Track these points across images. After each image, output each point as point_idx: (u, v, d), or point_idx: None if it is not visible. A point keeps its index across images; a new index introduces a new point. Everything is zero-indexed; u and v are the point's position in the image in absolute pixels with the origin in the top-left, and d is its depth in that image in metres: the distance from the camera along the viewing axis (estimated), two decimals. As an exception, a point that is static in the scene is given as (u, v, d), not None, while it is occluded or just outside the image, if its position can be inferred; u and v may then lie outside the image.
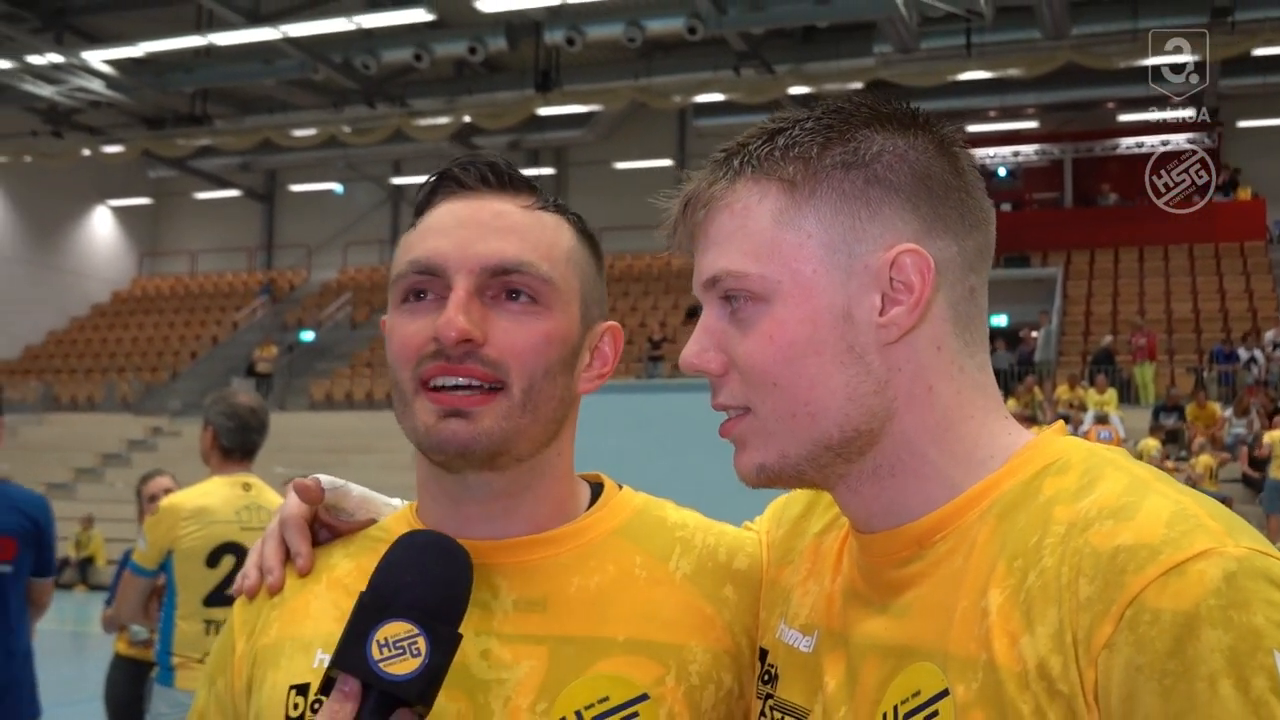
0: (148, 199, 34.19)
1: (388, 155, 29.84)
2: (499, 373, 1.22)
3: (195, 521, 4.59)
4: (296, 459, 17.60)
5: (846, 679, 1.14)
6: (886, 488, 1.14)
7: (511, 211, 1.28)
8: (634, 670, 1.24)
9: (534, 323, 1.25)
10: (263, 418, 4.83)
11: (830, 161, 1.13)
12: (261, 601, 1.34)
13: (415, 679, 1.03)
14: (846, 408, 1.11)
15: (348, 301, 30.40)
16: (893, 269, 1.10)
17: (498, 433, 1.22)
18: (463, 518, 1.28)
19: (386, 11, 20.31)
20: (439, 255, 1.24)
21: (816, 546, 1.30)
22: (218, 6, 20.18)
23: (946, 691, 1.03)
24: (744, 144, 1.18)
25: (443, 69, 23.63)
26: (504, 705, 1.21)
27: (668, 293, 27.84)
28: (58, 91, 23.61)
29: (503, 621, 1.25)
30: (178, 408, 26.11)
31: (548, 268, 1.26)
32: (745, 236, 1.14)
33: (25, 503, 4.60)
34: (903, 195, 1.12)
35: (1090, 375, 19.82)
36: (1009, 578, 1.02)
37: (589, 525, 1.32)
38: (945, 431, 1.13)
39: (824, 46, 21.20)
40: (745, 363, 1.13)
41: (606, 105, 24.80)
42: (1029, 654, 0.97)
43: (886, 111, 1.16)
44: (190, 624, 4.59)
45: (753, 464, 1.16)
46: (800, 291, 1.11)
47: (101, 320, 32.88)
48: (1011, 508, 1.07)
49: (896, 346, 1.11)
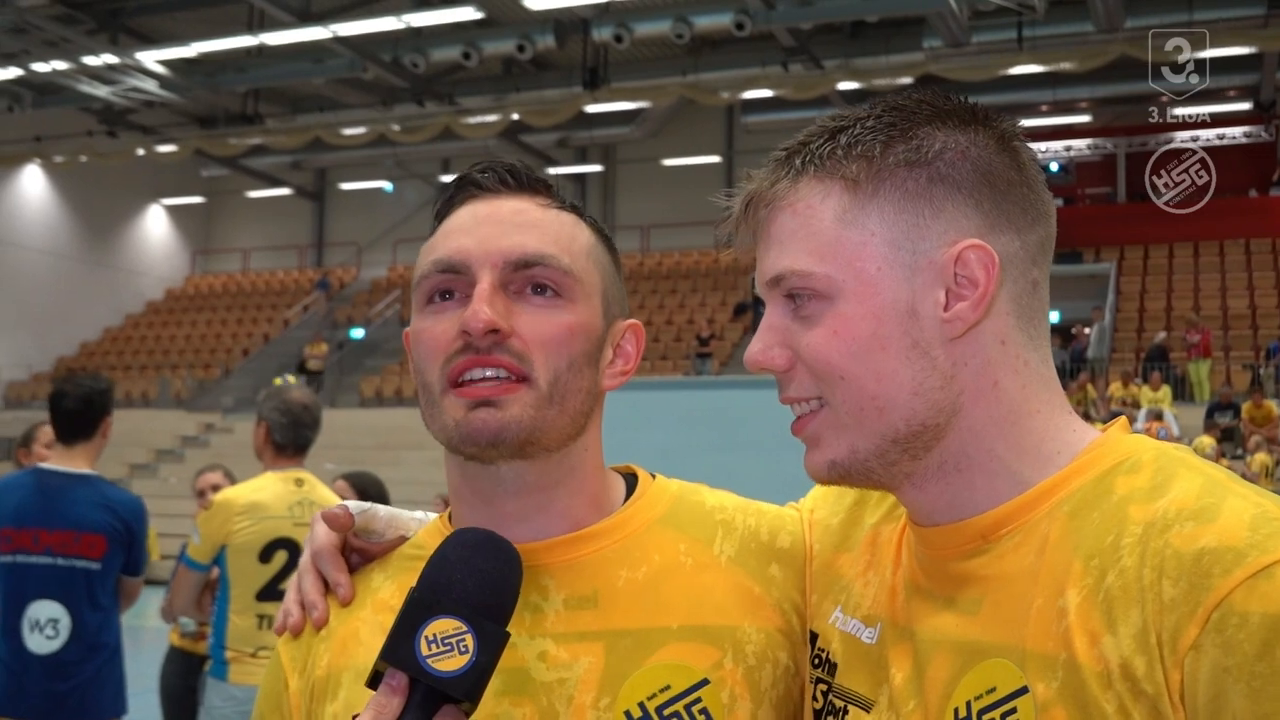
0: (200, 198, 34.57)
1: (436, 153, 29.98)
2: (524, 364, 1.23)
3: (248, 517, 4.64)
4: (346, 455, 17.73)
5: (914, 673, 1.15)
6: (952, 483, 1.15)
7: (530, 209, 1.30)
8: (692, 656, 1.25)
9: (557, 315, 1.26)
10: (315, 414, 4.88)
11: (893, 160, 1.13)
12: (308, 636, 1.34)
13: (463, 676, 1.04)
14: (913, 402, 1.12)
15: (397, 299, 30.58)
16: (957, 265, 1.12)
17: (526, 421, 1.22)
18: (498, 518, 1.27)
19: (435, 10, 20.40)
20: (462, 252, 1.26)
21: (874, 537, 1.31)
22: (269, 6, 20.34)
23: (1025, 689, 1.03)
24: (805, 142, 1.19)
25: (491, 67, 23.69)
26: (567, 704, 1.22)
27: (715, 289, 27.79)
28: (112, 92, 23.90)
29: (555, 622, 1.26)
30: (230, 404, 26.39)
31: (569, 260, 1.27)
32: (809, 236, 1.15)
33: (119, 503, 4.67)
34: (965, 192, 1.13)
35: (1144, 372, 19.59)
36: (1086, 577, 1.03)
37: (629, 517, 1.33)
38: (1011, 426, 1.13)
39: (873, 41, 21.04)
40: (811, 356, 1.14)
41: (654, 102, 24.77)
42: (1111, 654, 0.98)
43: (947, 108, 1.17)
44: (243, 618, 4.64)
45: (825, 460, 1.17)
46: (864, 289, 1.12)
47: (156, 318, 33.28)
48: (1083, 505, 1.08)
49: (961, 341, 1.12)
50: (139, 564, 4.75)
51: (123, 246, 33.40)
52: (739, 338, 25.26)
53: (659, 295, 28.25)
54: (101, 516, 4.55)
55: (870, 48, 20.93)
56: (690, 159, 28.85)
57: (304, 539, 5.07)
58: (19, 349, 29.39)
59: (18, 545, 4.49)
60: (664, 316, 26.75)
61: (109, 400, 4.70)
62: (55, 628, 4.48)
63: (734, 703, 1.24)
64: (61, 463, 4.63)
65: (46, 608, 4.48)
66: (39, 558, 4.48)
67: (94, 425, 4.64)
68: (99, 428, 4.66)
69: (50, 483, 4.58)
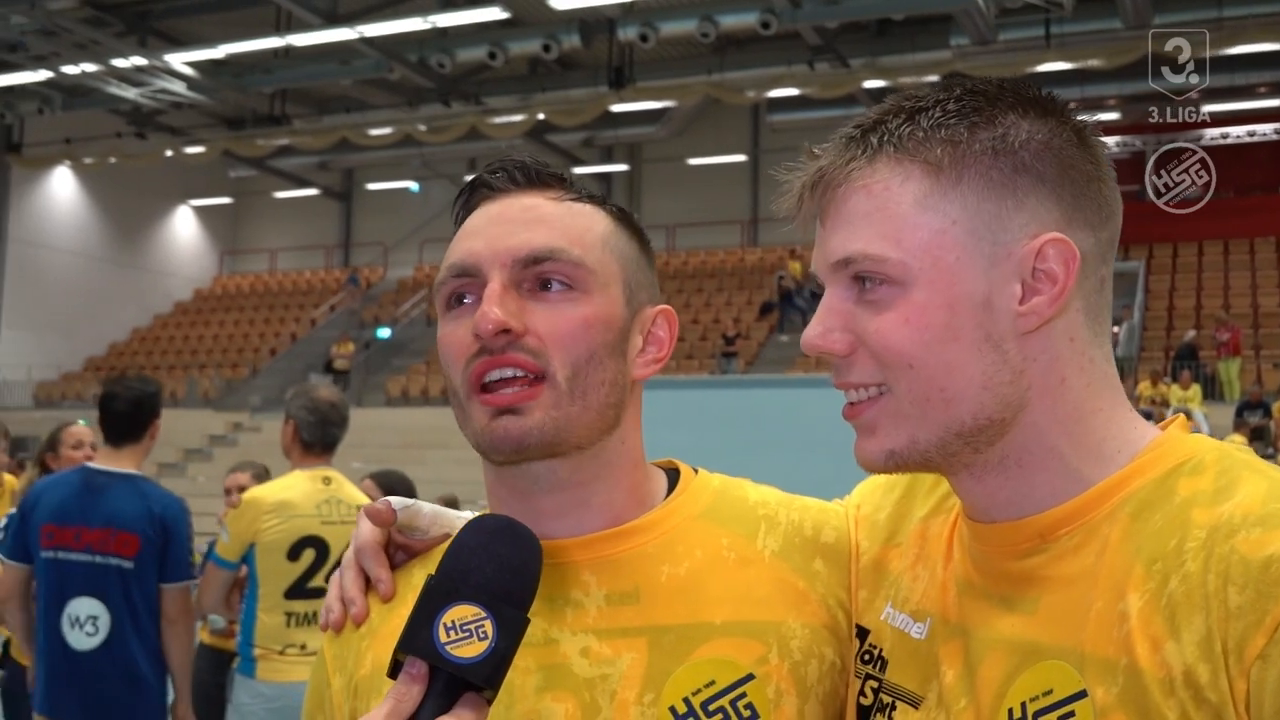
0: (228, 198, 34.77)
1: (463, 153, 30.04)
2: (541, 361, 1.21)
3: (277, 515, 4.66)
4: (374, 454, 17.79)
5: (965, 671, 1.13)
6: (1012, 478, 1.12)
7: (540, 204, 1.29)
8: (736, 651, 1.23)
9: (571, 308, 1.24)
10: (343, 412, 4.89)
11: (979, 146, 1.10)
12: (349, 634, 1.33)
13: (482, 662, 1.02)
14: (981, 396, 1.09)
15: (424, 298, 30.66)
16: (1037, 258, 1.09)
17: (549, 424, 1.21)
18: (535, 514, 1.26)
19: (461, 10, 20.45)
20: (472, 254, 1.25)
21: (923, 531, 1.28)
22: (296, 8, 20.46)
23: (1084, 693, 1.01)
24: (881, 120, 1.14)
25: (517, 67, 23.74)
26: (610, 700, 1.21)
27: (741, 288, 27.75)
28: (141, 94, 24.07)
29: (598, 617, 1.25)
30: (258, 403, 26.51)
31: (580, 252, 1.25)
32: (885, 219, 1.11)
33: (156, 501, 4.67)
34: (1048, 184, 1.10)
35: (1173, 371, 19.45)
36: (1148, 581, 1.00)
37: (671, 512, 1.31)
38: (1075, 424, 1.11)
39: (899, 39, 20.98)
40: (878, 343, 1.11)
41: (680, 101, 24.77)
42: (1174, 660, 0.96)
43: (1029, 96, 1.14)
44: (272, 616, 4.66)
45: (882, 449, 1.14)
46: (941, 278, 1.09)
47: (184, 318, 33.48)
48: (1145, 507, 1.05)
49: (1033, 336, 1.10)
50: (174, 570, 4.66)
51: (151, 247, 33.61)
52: (764, 337, 25.22)
53: (684, 294, 28.23)
54: (137, 514, 4.56)
55: (896, 46, 20.86)
56: (716, 158, 28.83)
57: (331, 537, 5.08)
58: (49, 349, 29.61)
59: (60, 541, 4.53)
60: (689, 316, 26.71)
61: (158, 403, 4.74)
62: (95, 624, 4.50)
63: (780, 698, 1.23)
64: (108, 463, 4.67)
65: (86, 604, 4.51)
66: (79, 554, 4.51)
67: (143, 428, 4.68)
68: (148, 430, 4.70)
69: (95, 481, 4.62)
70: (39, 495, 4.65)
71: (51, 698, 4.53)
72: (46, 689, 4.54)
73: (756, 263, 28.27)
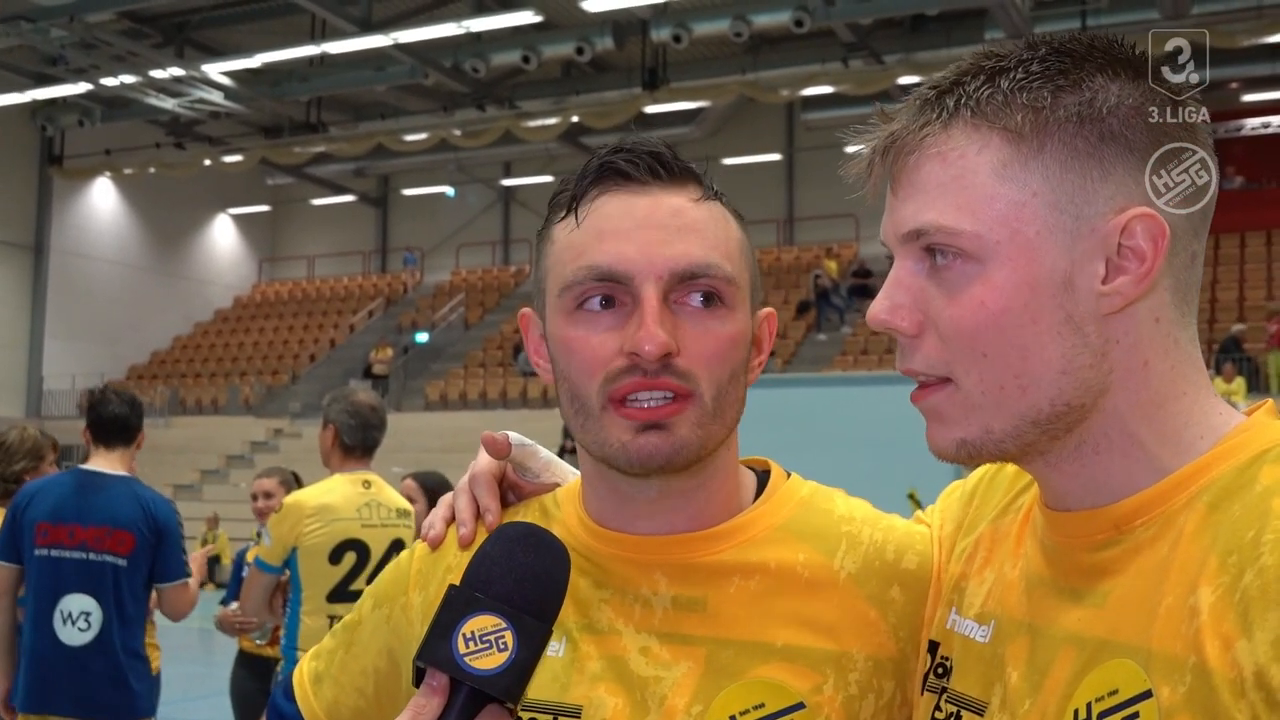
0: (266, 206, 35.05)
1: (498, 157, 30.15)
2: (690, 383, 1.17)
3: (318, 519, 4.68)
4: (413, 459, 17.87)
5: (1031, 670, 1.07)
6: (1089, 465, 1.06)
7: (687, 208, 1.22)
8: (791, 677, 1.20)
9: (721, 326, 1.19)
10: (382, 415, 4.92)
11: (1063, 113, 1.02)
12: (439, 557, 1.34)
13: (500, 674, 0.99)
14: (1060, 381, 1.02)
15: (461, 303, 30.79)
16: (1123, 235, 1.01)
17: (694, 441, 1.18)
18: (630, 514, 1.25)
19: (495, 15, 20.53)
20: (624, 261, 1.18)
21: (993, 532, 1.23)
22: (331, 16, 20.59)
23: (1150, 693, 0.95)
24: (958, 82, 1.07)
25: (550, 70, 23.80)
26: (659, 705, 1.20)
27: (778, 288, 27.68)
28: (179, 104, 24.32)
29: (663, 620, 1.23)
30: (298, 409, 26.70)
31: (730, 267, 1.21)
32: (961, 189, 1.04)
33: (150, 501, 4.76)
34: (1137, 155, 1.02)
35: (1217, 364, 19.24)
36: (1222, 575, 0.93)
37: (753, 520, 1.28)
38: (1157, 409, 1.04)
39: (934, 35, 20.87)
40: (951, 329, 1.04)
41: (714, 101, 24.76)
42: (1245, 660, 0.88)
43: (1121, 56, 1.05)
44: (315, 619, 4.68)
45: (953, 439, 1.08)
46: (1021, 254, 1.02)
47: (224, 325, 33.76)
48: (1224, 496, 0.98)
49: (1116, 317, 1.02)
50: (167, 570, 4.78)
51: (191, 256, 33.92)
52: (801, 336, 25.14)
53: (721, 295, 28.13)
54: (133, 514, 4.67)
55: (931, 41, 20.76)
56: (751, 158, 28.76)
57: (372, 540, 5.09)
58: (92, 358, 29.94)
59: (54, 540, 4.62)
60: (726, 316, 26.61)
61: (143, 412, 4.95)
62: (87, 620, 4.59)
63: None
64: (101, 465, 4.76)
65: (78, 601, 4.59)
66: (73, 552, 4.60)
67: (134, 431, 4.83)
68: (138, 434, 4.86)
69: (89, 481, 4.73)
70: (32, 495, 4.72)
71: (40, 694, 4.59)
72: (33, 687, 4.60)
73: (793, 262, 28.19)
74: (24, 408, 29.08)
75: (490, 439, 1.35)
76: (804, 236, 29.56)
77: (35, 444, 5.28)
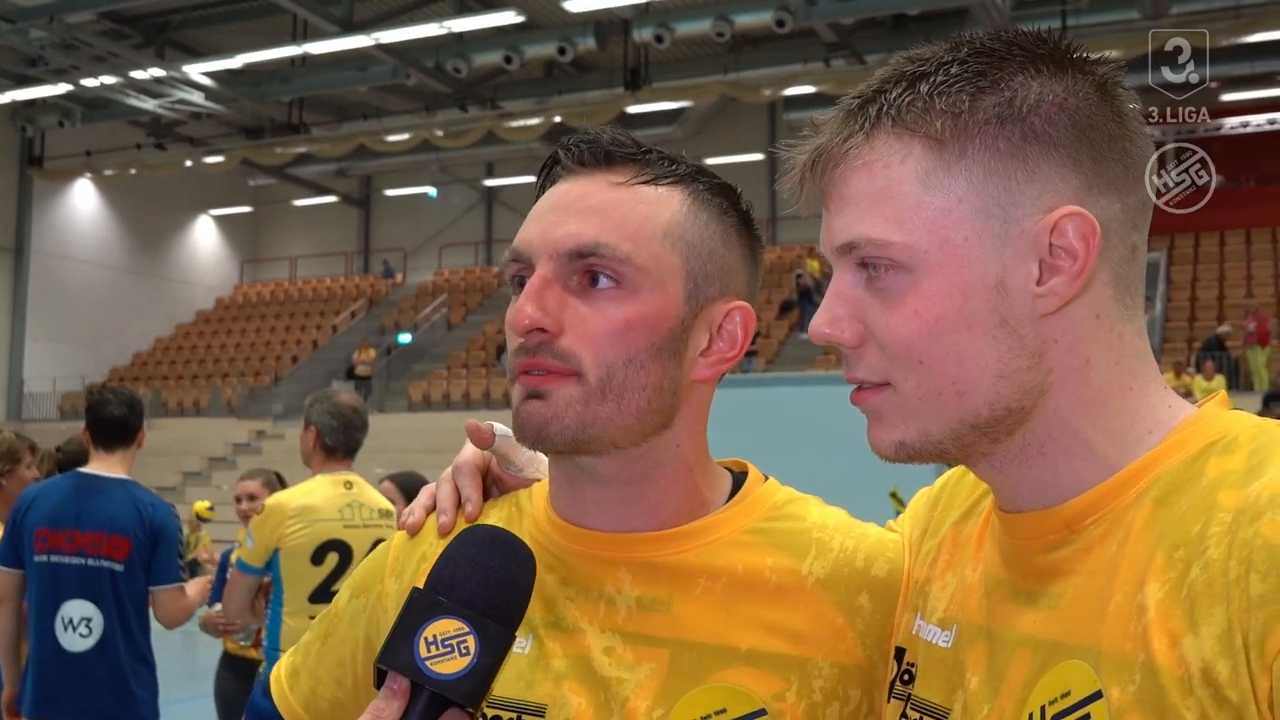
0: (248, 207, 34.92)
1: (480, 157, 30.10)
2: (571, 364, 1.17)
3: (300, 520, 4.67)
4: (395, 460, 17.81)
5: (989, 675, 1.06)
6: (1035, 466, 1.05)
7: (598, 190, 1.21)
8: (755, 683, 1.19)
9: (614, 308, 1.17)
10: (364, 416, 4.92)
11: (983, 115, 1.01)
12: (416, 545, 1.35)
13: (462, 679, 0.98)
14: (998, 385, 1.01)
15: (443, 303, 30.74)
16: (1053, 234, 1.00)
17: (573, 418, 1.17)
18: (582, 503, 1.25)
19: (476, 15, 20.51)
20: (525, 242, 1.21)
21: (955, 536, 1.21)
22: (312, 16, 20.54)
23: (1100, 694, 0.94)
24: (880, 90, 1.06)
25: (532, 70, 23.79)
26: (622, 706, 1.19)
27: (761, 287, 27.60)
28: (160, 105, 24.23)
29: (626, 619, 1.22)
30: (280, 411, 26.61)
31: (629, 248, 1.18)
32: (888, 200, 1.03)
33: (146, 505, 4.73)
34: (1063, 151, 1.01)
35: (1197, 362, 19.35)
36: (1169, 570, 0.92)
37: (721, 521, 1.26)
38: (1102, 406, 1.03)
39: (915, 35, 20.72)
40: (887, 338, 1.04)
41: (696, 101, 24.77)
42: (1192, 656, 0.88)
43: (1041, 51, 1.03)
44: (297, 620, 4.67)
45: (891, 440, 1.07)
46: (950, 261, 1.01)
47: (206, 327, 33.63)
48: (1171, 490, 0.97)
49: (1053, 317, 1.01)
50: (163, 572, 4.75)
51: (173, 257, 33.78)
52: (784, 335, 25.18)
53: (704, 294, 28.15)
54: (128, 518, 4.64)
55: (912, 41, 20.35)
56: (733, 157, 28.75)
57: (354, 541, 5.09)
58: (74, 360, 29.80)
59: (52, 545, 4.59)
60: (709, 316, 26.64)
61: (143, 411, 4.89)
62: (89, 626, 4.56)
63: None
64: (100, 468, 4.73)
65: (79, 607, 4.57)
66: (72, 558, 4.58)
67: (134, 432, 4.78)
68: (138, 434, 4.81)
69: (88, 485, 4.69)
70: (32, 500, 4.69)
71: (43, 700, 4.57)
72: (37, 693, 4.58)
73: (775, 261, 28.21)
74: (4, 411, 28.93)
75: (475, 427, 1.34)
76: (786, 236, 29.60)
77: (10, 446, 5.22)
